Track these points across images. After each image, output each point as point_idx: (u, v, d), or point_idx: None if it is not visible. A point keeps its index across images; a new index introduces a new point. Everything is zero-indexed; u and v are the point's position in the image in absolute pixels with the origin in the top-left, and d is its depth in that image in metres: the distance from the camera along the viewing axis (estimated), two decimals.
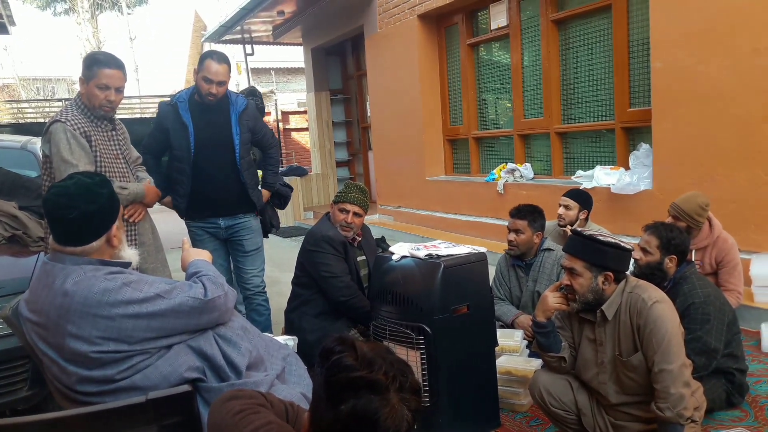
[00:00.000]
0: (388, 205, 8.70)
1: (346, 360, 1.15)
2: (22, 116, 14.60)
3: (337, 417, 1.11)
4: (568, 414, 2.47)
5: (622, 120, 5.39)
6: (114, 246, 1.87)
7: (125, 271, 1.83)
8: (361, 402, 1.10)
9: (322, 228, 3.51)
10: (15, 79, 25.91)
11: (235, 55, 16.96)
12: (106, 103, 2.89)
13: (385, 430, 1.10)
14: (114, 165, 2.97)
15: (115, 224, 1.86)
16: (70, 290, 1.69)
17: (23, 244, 3.39)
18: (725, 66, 4.24)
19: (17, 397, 2.86)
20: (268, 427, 1.34)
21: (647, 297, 2.22)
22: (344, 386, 1.12)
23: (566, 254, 2.33)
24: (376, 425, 1.09)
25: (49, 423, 1.36)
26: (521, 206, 3.56)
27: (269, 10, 9.73)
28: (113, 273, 1.77)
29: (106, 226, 1.83)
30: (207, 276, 1.95)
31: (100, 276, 1.74)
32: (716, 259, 3.56)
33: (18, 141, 4.60)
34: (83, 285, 1.70)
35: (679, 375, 2.14)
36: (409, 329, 2.56)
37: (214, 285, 1.90)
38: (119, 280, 1.75)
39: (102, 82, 2.84)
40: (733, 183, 4.28)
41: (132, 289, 1.74)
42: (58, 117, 2.81)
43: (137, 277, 1.81)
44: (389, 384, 1.12)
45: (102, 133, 2.94)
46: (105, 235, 1.83)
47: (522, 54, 6.46)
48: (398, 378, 1.13)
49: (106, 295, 1.70)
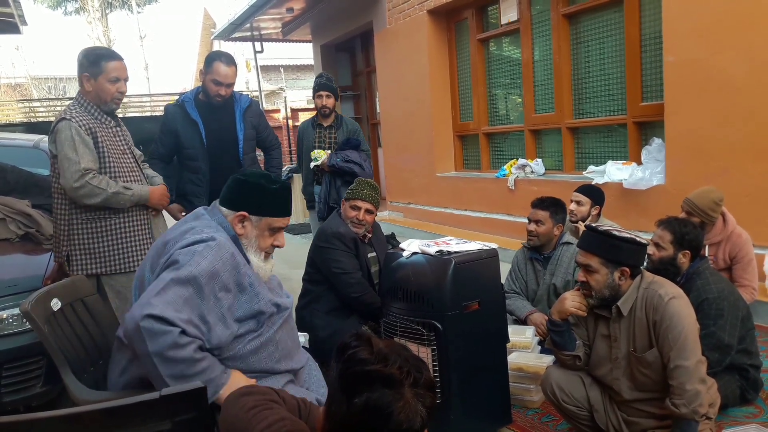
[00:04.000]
0: (398, 202, 8.69)
1: (362, 354, 1.15)
2: (34, 115, 14.70)
3: (351, 410, 1.12)
4: (581, 410, 2.46)
5: (634, 114, 5.35)
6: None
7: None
8: (375, 395, 1.11)
9: (332, 224, 3.51)
10: (27, 79, 26.12)
11: (244, 53, 17.04)
12: (118, 96, 2.92)
13: (398, 424, 1.10)
14: (121, 161, 2.97)
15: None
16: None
17: (36, 242, 3.42)
18: (738, 59, 4.19)
19: (31, 393, 2.89)
20: (282, 423, 1.34)
21: (664, 293, 2.21)
22: (359, 379, 1.13)
23: (581, 250, 2.32)
24: (389, 419, 1.10)
25: (63, 419, 1.37)
26: (544, 197, 3.59)
27: (278, 7, 9.73)
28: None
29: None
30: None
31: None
32: (730, 255, 3.53)
33: (30, 140, 4.63)
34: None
35: (695, 371, 2.12)
36: (419, 326, 2.56)
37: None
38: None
39: (112, 75, 2.86)
40: (747, 177, 4.24)
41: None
42: (63, 115, 2.82)
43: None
44: (403, 379, 1.12)
45: (107, 130, 2.94)
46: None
47: (533, 49, 6.42)
48: (412, 373, 1.14)
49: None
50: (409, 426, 1.10)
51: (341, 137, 4.72)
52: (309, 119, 4.98)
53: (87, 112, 2.89)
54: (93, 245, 2.88)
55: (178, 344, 1.78)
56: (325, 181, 4.66)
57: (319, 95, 4.68)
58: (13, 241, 3.39)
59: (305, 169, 4.86)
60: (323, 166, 4.60)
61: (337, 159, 4.53)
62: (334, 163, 4.53)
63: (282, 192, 2.11)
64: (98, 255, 2.89)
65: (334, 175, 4.61)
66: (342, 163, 4.51)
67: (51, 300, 2.24)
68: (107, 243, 2.90)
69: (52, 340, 2.13)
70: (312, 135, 4.78)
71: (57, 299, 2.27)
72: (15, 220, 3.44)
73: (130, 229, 2.96)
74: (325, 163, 4.57)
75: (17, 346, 2.83)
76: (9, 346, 2.83)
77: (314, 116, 4.87)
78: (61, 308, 2.27)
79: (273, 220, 2.10)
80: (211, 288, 1.91)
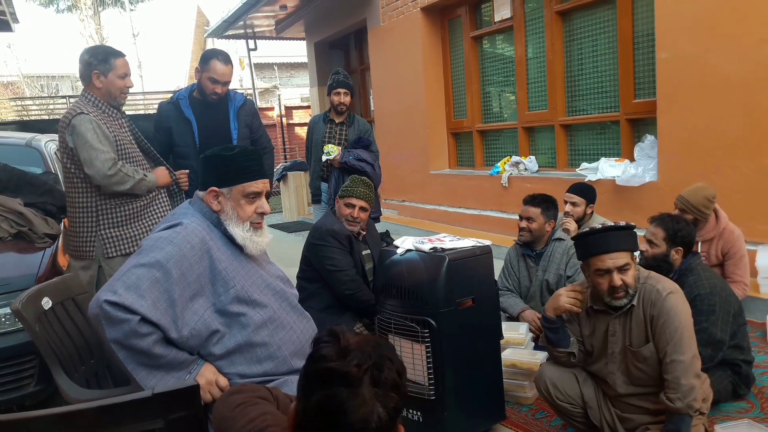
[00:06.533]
0: (392, 200, 8.69)
1: (324, 350, 1.12)
2: (27, 113, 14.62)
3: (307, 407, 1.10)
4: (574, 407, 2.47)
5: (627, 111, 5.36)
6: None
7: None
8: (329, 393, 1.07)
9: (327, 222, 3.51)
10: (19, 77, 25.95)
11: (237, 51, 16.99)
12: (126, 91, 3.10)
13: (350, 424, 1.06)
14: (132, 151, 3.14)
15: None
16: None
17: (29, 241, 3.40)
18: (731, 56, 4.21)
19: (25, 392, 2.88)
20: (263, 418, 1.35)
21: (662, 288, 2.22)
22: (316, 377, 1.10)
23: (605, 254, 2.19)
24: (341, 418, 1.06)
25: (56, 418, 1.36)
26: (535, 194, 3.61)
27: (272, 5, 9.71)
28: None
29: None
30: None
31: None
32: (722, 251, 3.55)
33: (23, 138, 4.61)
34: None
35: (690, 366, 2.14)
36: (414, 323, 2.56)
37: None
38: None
39: (121, 71, 3.03)
40: (740, 174, 4.26)
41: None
42: (79, 110, 2.93)
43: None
44: (361, 376, 1.08)
45: (115, 122, 3.08)
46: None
47: (526, 46, 6.43)
48: (371, 371, 1.09)
49: None
50: (364, 427, 1.06)
51: (352, 135, 4.72)
52: (321, 113, 4.99)
53: (96, 107, 3.01)
54: (126, 227, 3.07)
55: (137, 333, 1.76)
56: (335, 177, 4.66)
57: (337, 92, 4.68)
58: (6, 240, 3.37)
59: (313, 162, 4.86)
60: (335, 162, 4.59)
61: (350, 156, 4.53)
62: (347, 160, 4.52)
63: (242, 156, 2.04)
64: (131, 236, 3.08)
65: (343, 171, 4.59)
66: (354, 161, 4.51)
67: (42, 299, 2.24)
68: (138, 224, 3.11)
69: (44, 339, 2.13)
70: (323, 129, 4.77)
71: (48, 298, 2.26)
72: (7, 219, 3.42)
73: (155, 211, 3.21)
74: (337, 159, 4.57)
75: (10, 345, 2.82)
76: (2, 345, 2.82)
77: (326, 111, 4.87)
78: (52, 307, 2.27)
79: (244, 187, 2.03)
80: (179, 272, 1.86)
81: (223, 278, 1.97)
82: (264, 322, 2.01)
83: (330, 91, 4.72)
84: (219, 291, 1.96)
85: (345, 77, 4.74)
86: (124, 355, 1.78)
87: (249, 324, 1.97)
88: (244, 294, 1.99)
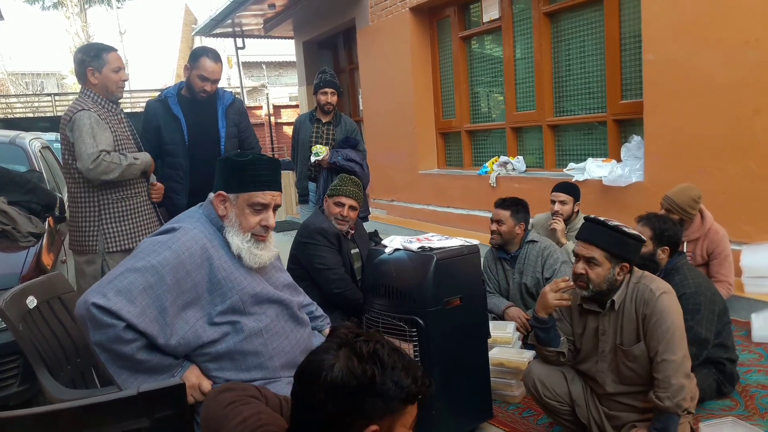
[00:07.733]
0: (380, 199, 8.68)
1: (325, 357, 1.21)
2: (11, 111, 14.47)
3: (296, 379, 1.21)
4: (562, 405, 2.48)
5: (614, 112, 5.40)
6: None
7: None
8: (310, 358, 1.19)
9: (316, 220, 3.51)
10: (4, 74, 25.67)
11: (225, 49, 16.90)
12: (122, 85, 3.15)
13: (327, 380, 1.13)
14: (130, 147, 3.19)
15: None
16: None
17: (12, 239, 3.36)
18: (717, 58, 4.25)
19: (8, 392, 2.85)
20: (257, 417, 1.34)
21: (655, 288, 2.23)
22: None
23: (584, 242, 2.27)
24: (318, 376, 1.14)
25: (40, 417, 1.34)
26: (506, 198, 3.64)
27: (260, 3, 9.66)
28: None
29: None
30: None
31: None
32: (707, 251, 3.58)
33: (7, 136, 4.57)
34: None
35: (681, 366, 2.15)
36: (401, 322, 2.56)
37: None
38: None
39: (114, 65, 3.08)
40: (725, 175, 4.30)
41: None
42: (80, 107, 2.98)
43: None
44: (347, 341, 1.18)
45: (114, 117, 3.14)
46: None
47: (514, 47, 6.45)
48: (352, 343, 1.18)
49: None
50: (338, 383, 1.13)
51: (339, 135, 4.68)
52: (306, 113, 4.93)
53: (95, 103, 3.06)
54: (126, 222, 3.12)
55: (122, 339, 1.72)
56: (323, 177, 4.61)
57: (324, 92, 4.63)
58: None
59: (299, 162, 4.82)
60: (323, 162, 4.56)
61: (339, 157, 4.48)
62: (336, 161, 4.48)
63: (255, 164, 1.96)
64: (132, 231, 3.14)
65: (331, 171, 4.55)
66: (343, 161, 4.46)
67: (27, 298, 2.21)
68: (140, 219, 3.18)
69: (28, 338, 2.10)
70: (309, 129, 4.72)
71: (33, 297, 2.23)
72: None
73: (155, 208, 3.31)
74: (326, 160, 4.53)
75: None
76: None
77: (312, 110, 4.82)
78: (37, 306, 2.24)
79: (250, 196, 1.95)
80: (174, 279, 1.80)
81: (222, 288, 1.91)
82: (259, 331, 1.95)
83: (316, 91, 4.68)
84: (216, 301, 1.91)
85: (332, 77, 4.71)
86: (107, 357, 1.75)
87: (243, 331, 1.93)
88: (240, 306, 1.93)
